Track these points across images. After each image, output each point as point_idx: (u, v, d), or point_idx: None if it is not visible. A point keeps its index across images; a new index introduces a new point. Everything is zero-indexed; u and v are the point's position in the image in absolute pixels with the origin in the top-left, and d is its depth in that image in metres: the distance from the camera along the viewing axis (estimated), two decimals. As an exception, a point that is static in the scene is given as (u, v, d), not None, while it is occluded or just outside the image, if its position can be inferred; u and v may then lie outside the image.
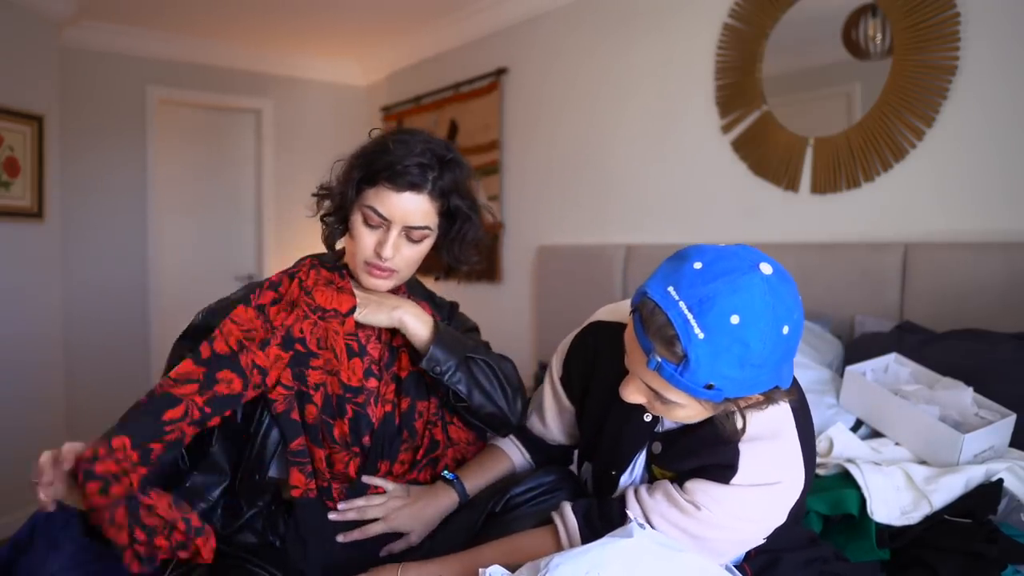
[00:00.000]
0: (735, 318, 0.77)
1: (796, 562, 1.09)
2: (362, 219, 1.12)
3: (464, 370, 1.15)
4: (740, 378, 0.79)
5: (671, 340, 0.79)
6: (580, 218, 3.11)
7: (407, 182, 1.09)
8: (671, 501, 0.95)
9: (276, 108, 4.38)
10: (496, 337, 3.30)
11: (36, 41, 3.19)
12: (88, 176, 3.77)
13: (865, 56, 2.12)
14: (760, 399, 0.86)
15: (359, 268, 1.14)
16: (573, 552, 0.84)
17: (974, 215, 1.93)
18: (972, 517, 1.25)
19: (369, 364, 1.16)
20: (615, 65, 2.92)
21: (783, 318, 0.79)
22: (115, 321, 3.89)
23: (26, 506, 1.58)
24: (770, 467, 0.92)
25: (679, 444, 1.00)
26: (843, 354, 1.86)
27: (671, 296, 0.80)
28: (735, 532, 0.94)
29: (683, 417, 0.91)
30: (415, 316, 1.15)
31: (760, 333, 0.77)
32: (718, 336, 0.77)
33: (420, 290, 1.31)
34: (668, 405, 0.88)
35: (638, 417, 1.03)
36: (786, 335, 0.80)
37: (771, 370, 0.81)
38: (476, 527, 1.11)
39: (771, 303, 0.78)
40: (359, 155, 1.14)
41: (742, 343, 0.77)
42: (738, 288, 0.78)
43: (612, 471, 1.08)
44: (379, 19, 3.73)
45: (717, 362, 0.78)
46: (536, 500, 1.15)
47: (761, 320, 0.78)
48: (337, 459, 1.12)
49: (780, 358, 0.81)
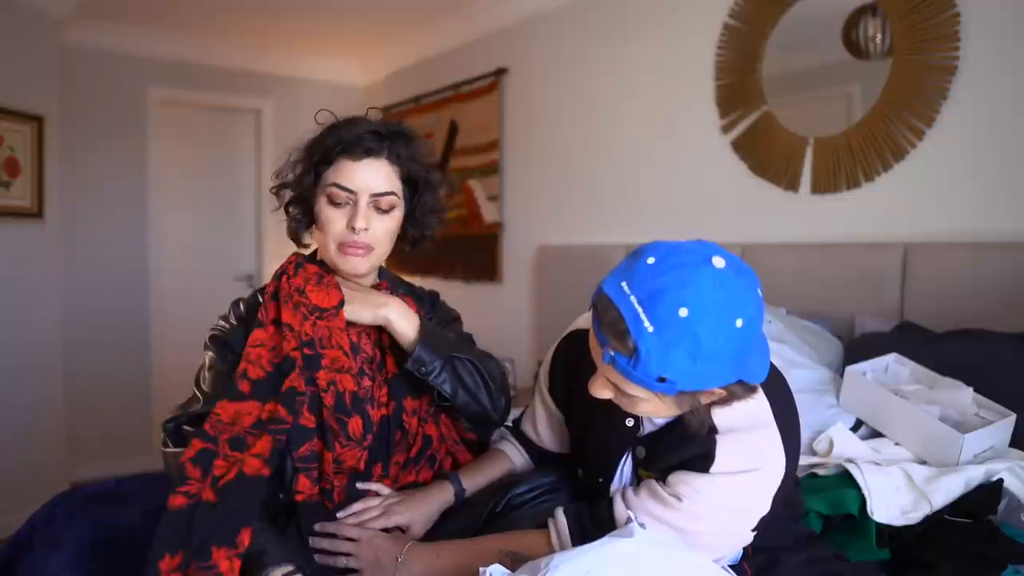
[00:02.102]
0: (684, 311, 0.77)
1: (796, 562, 1.09)
2: (327, 200, 1.13)
3: (449, 370, 1.15)
4: (693, 371, 0.79)
5: (622, 334, 0.80)
6: (580, 218, 3.11)
7: (363, 149, 1.12)
8: (655, 497, 0.96)
9: (276, 108, 4.38)
10: (496, 337, 3.32)
11: (36, 41, 3.19)
12: (88, 176, 3.78)
13: (865, 56, 2.12)
14: (723, 394, 0.86)
15: (334, 254, 1.14)
16: (573, 552, 0.84)
17: (974, 215, 1.93)
18: (972, 517, 1.25)
19: (362, 363, 1.17)
20: (615, 65, 2.92)
21: (736, 311, 0.79)
22: (115, 321, 3.89)
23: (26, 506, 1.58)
24: (748, 455, 0.92)
25: (661, 445, 1.01)
26: (843, 354, 1.86)
27: (623, 291, 0.81)
28: (719, 523, 0.94)
29: (650, 411, 0.91)
30: (401, 314, 1.15)
31: (710, 326, 0.77)
32: (667, 329, 0.78)
33: (400, 284, 1.31)
34: (632, 399, 0.89)
35: (620, 422, 1.04)
36: (740, 328, 0.79)
37: (727, 363, 0.81)
38: (477, 526, 1.12)
39: (722, 296, 0.78)
40: (311, 142, 1.16)
41: (692, 336, 0.77)
42: (688, 282, 0.78)
43: (600, 478, 1.09)
44: (379, 19, 3.73)
45: (667, 355, 0.78)
46: (537, 501, 1.15)
47: (711, 313, 0.77)
48: (348, 456, 1.11)
49: (736, 351, 0.80)
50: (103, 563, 1.18)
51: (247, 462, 0.99)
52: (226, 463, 1.00)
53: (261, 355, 1.09)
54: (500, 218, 3.52)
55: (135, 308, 3.97)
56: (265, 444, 1.01)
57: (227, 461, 1.00)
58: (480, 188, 3.62)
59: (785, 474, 0.94)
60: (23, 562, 1.19)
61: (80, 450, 3.70)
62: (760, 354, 0.87)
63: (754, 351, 0.84)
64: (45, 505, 1.29)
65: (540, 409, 1.25)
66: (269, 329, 1.12)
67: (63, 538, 1.21)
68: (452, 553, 1.02)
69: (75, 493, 1.34)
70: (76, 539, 1.21)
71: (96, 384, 3.80)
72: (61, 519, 1.25)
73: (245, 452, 1.01)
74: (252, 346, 1.10)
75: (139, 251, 3.98)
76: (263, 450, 1.01)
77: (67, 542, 1.20)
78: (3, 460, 3.07)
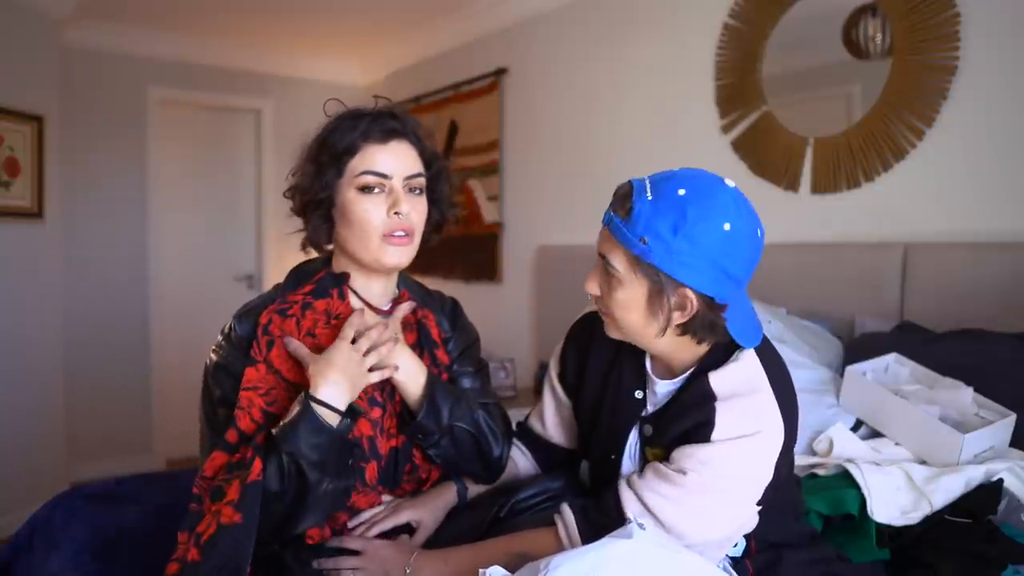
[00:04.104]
0: (682, 191, 0.90)
1: (798, 561, 1.09)
2: (358, 191, 1.06)
3: (448, 440, 1.11)
4: (671, 244, 0.88)
5: (625, 197, 0.94)
6: (580, 218, 3.11)
7: (389, 128, 1.08)
8: (659, 475, 0.97)
9: (276, 108, 4.39)
10: (496, 337, 3.32)
11: (36, 41, 3.19)
12: (88, 176, 3.78)
13: (865, 56, 2.12)
14: (691, 302, 0.91)
15: (375, 249, 1.07)
16: (573, 553, 0.84)
17: (974, 215, 1.93)
18: (972, 517, 1.25)
19: (372, 392, 1.10)
20: (615, 65, 2.92)
21: (728, 215, 0.89)
22: (115, 321, 3.89)
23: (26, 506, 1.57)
24: (747, 419, 0.94)
25: (665, 418, 1.03)
26: (843, 354, 1.86)
27: (643, 178, 0.95)
28: (725, 493, 0.95)
29: (624, 302, 0.96)
30: (409, 372, 1.08)
31: (699, 210, 0.88)
32: (663, 201, 0.90)
33: (419, 291, 1.25)
34: (612, 288, 0.96)
35: (629, 395, 1.09)
36: (726, 232, 0.88)
37: (702, 258, 0.88)
38: (480, 531, 1.11)
39: (720, 198, 0.90)
40: (325, 135, 1.09)
41: (680, 212, 0.88)
42: (696, 176, 0.93)
43: (611, 455, 1.10)
44: (379, 19, 3.73)
45: (655, 219, 0.89)
46: (541, 506, 1.15)
47: (704, 201, 0.89)
48: (363, 501, 1.07)
49: (714, 251, 0.89)
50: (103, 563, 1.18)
51: (222, 512, 0.92)
52: (210, 517, 0.94)
53: (253, 401, 1.01)
54: (500, 218, 3.52)
55: (135, 308, 3.97)
56: (235, 489, 0.93)
57: (210, 514, 0.94)
58: (480, 188, 3.62)
59: (785, 441, 0.96)
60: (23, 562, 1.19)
61: (80, 450, 3.70)
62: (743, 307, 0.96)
63: (729, 277, 0.91)
64: (45, 505, 1.29)
65: (549, 401, 1.26)
66: (261, 369, 1.03)
67: (63, 538, 1.21)
68: (460, 558, 1.01)
69: (75, 493, 1.34)
70: (76, 539, 1.21)
71: (96, 384, 3.80)
72: (61, 519, 1.25)
73: (220, 502, 0.93)
74: (244, 388, 1.01)
75: (139, 251, 3.97)
76: (233, 496, 0.93)
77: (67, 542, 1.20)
78: (3, 460, 3.06)
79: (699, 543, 0.96)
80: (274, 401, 1.02)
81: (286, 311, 1.08)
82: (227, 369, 1.05)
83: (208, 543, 0.90)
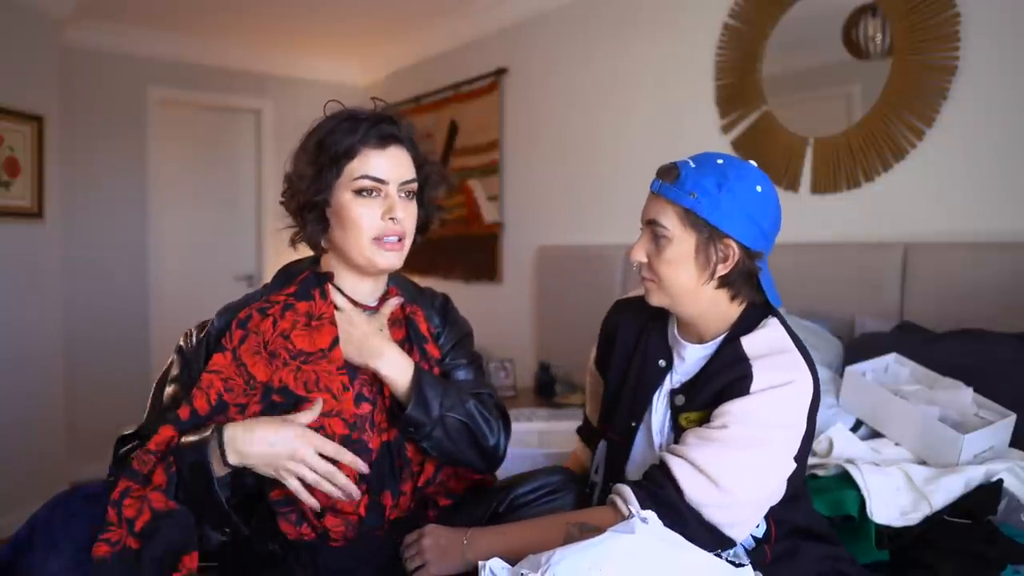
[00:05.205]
0: (720, 161, 1.06)
1: (814, 555, 1.11)
2: (354, 195, 1.07)
3: (440, 430, 1.10)
4: (716, 197, 1.02)
5: (670, 168, 1.07)
6: (580, 218, 3.11)
7: (387, 133, 1.09)
8: (701, 436, 1.03)
9: (275, 108, 4.39)
10: (496, 337, 3.32)
11: (36, 41, 3.19)
12: (88, 176, 3.78)
13: (865, 56, 2.12)
14: (734, 252, 1.04)
15: (368, 251, 1.09)
16: (575, 547, 0.84)
17: (974, 215, 1.93)
18: (972, 517, 1.25)
19: (361, 388, 1.12)
20: (615, 65, 2.92)
21: (759, 179, 1.05)
22: (115, 321, 3.89)
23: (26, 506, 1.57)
24: (781, 371, 1.03)
25: (696, 385, 1.10)
26: (843, 354, 1.86)
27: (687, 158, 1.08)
28: (767, 445, 1.01)
29: (673, 258, 1.06)
30: (394, 367, 1.09)
31: (737, 172, 1.04)
32: (704, 166, 1.05)
33: (408, 288, 1.25)
34: (661, 249, 1.06)
35: (653, 363, 1.18)
36: (759, 192, 1.04)
37: (741, 211, 1.02)
38: (480, 525, 1.10)
39: (750, 167, 1.06)
40: (322, 137, 1.10)
41: (721, 173, 1.03)
42: (731, 156, 1.09)
43: (632, 422, 1.18)
44: (379, 19, 3.73)
45: (700, 178, 1.03)
46: (541, 500, 1.15)
47: (740, 167, 1.05)
48: (344, 504, 1.05)
49: (751, 207, 1.03)
50: (103, 563, 1.17)
51: (151, 497, 0.94)
52: (136, 501, 0.94)
53: (213, 383, 1.04)
54: (500, 218, 3.52)
55: (135, 308, 3.97)
56: (160, 475, 0.94)
57: (134, 499, 0.95)
58: (480, 188, 3.62)
59: (813, 394, 1.04)
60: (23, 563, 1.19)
61: (80, 450, 3.69)
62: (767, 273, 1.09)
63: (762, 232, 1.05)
64: (45, 505, 1.28)
65: (591, 390, 1.39)
66: (228, 356, 1.05)
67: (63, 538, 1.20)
68: (518, 531, 1.05)
69: (75, 493, 1.33)
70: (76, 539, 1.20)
71: (96, 384, 3.80)
72: (61, 519, 1.25)
73: (148, 487, 0.95)
74: (208, 371, 1.04)
75: (139, 251, 3.97)
76: (160, 481, 0.94)
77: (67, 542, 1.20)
78: (3, 460, 3.06)
79: (747, 501, 1.01)
80: (231, 390, 1.05)
81: (266, 310, 1.10)
82: (185, 356, 1.11)
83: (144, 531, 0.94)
